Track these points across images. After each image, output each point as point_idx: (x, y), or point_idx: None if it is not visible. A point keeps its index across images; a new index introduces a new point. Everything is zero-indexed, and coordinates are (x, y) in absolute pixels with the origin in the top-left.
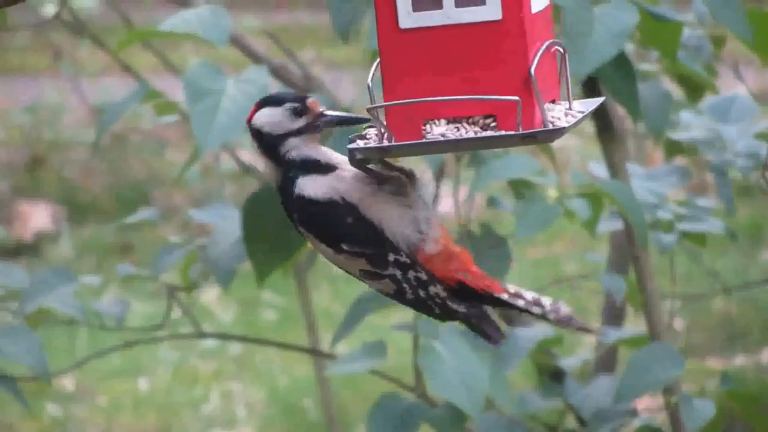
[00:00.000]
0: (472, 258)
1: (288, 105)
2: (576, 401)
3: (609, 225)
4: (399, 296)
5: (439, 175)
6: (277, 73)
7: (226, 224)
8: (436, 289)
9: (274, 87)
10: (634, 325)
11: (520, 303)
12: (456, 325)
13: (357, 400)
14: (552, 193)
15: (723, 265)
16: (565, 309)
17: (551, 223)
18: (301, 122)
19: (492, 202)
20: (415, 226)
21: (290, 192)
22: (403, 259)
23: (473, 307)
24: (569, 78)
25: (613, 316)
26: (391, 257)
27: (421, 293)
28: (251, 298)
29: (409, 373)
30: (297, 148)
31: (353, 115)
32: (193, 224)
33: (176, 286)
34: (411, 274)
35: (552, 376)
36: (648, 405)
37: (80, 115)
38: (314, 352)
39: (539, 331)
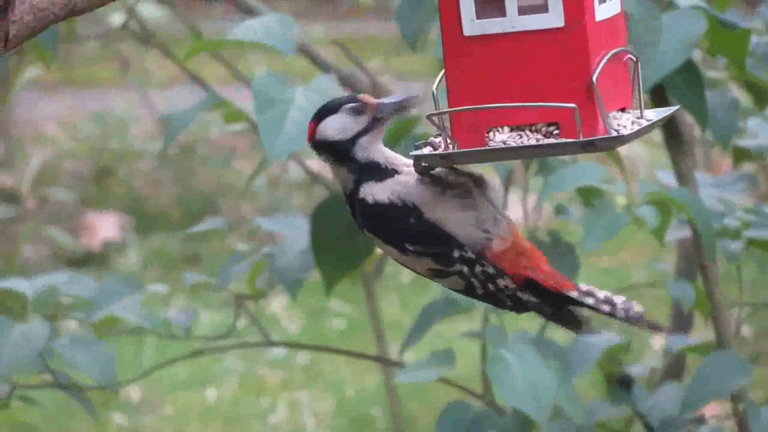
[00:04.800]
0: (543, 257)
1: (346, 107)
2: (643, 409)
3: (677, 233)
4: (470, 292)
5: (507, 183)
6: (345, 82)
7: (293, 233)
8: (504, 282)
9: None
10: (701, 333)
11: (589, 301)
12: (524, 332)
13: (425, 409)
14: (620, 201)
15: None
16: (637, 308)
17: (619, 232)
18: (364, 120)
19: (560, 210)
20: (480, 225)
21: (356, 197)
22: (468, 254)
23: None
24: (641, 86)
25: (681, 324)
26: (456, 253)
27: (490, 286)
28: (319, 308)
29: (477, 381)
30: (365, 149)
31: (406, 96)
32: (260, 234)
33: (243, 295)
34: (477, 268)
35: (619, 384)
36: (715, 413)
37: (148, 125)
38: (382, 361)
39: (607, 338)
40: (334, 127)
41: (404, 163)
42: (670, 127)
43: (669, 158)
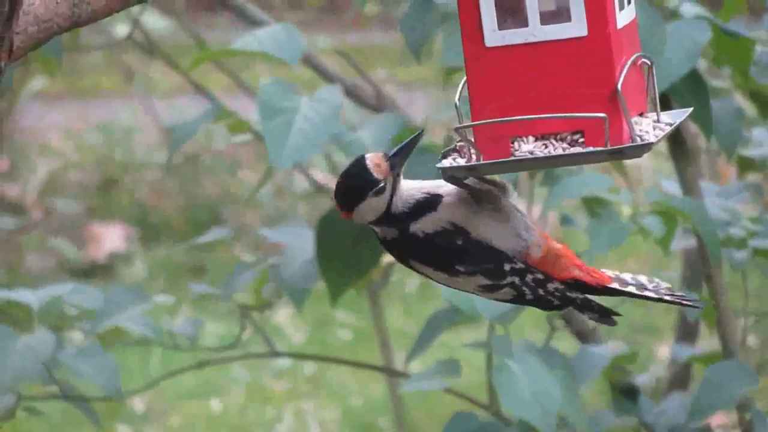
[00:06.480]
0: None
1: (370, 194)
2: (649, 419)
3: (682, 242)
4: (518, 299)
5: None
6: (349, 92)
7: (298, 243)
8: (554, 285)
9: (347, 106)
10: (707, 342)
11: (630, 289)
12: (530, 342)
13: (431, 418)
14: (625, 210)
15: None
16: (663, 284)
17: (624, 241)
18: (388, 192)
19: (565, 220)
20: (518, 235)
21: (405, 238)
22: (519, 265)
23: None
24: (656, 89)
25: (687, 333)
26: (507, 266)
27: (541, 292)
28: (324, 317)
29: (483, 391)
30: (397, 205)
31: (410, 138)
32: (265, 244)
33: (249, 305)
34: (528, 277)
35: (625, 394)
36: (722, 422)
37: (152, 135)
38: (388, 371)
39: (612, 347)
40: (369, 213)
41: (436, 185)
42: (674, 136)
43: (674, 167)
